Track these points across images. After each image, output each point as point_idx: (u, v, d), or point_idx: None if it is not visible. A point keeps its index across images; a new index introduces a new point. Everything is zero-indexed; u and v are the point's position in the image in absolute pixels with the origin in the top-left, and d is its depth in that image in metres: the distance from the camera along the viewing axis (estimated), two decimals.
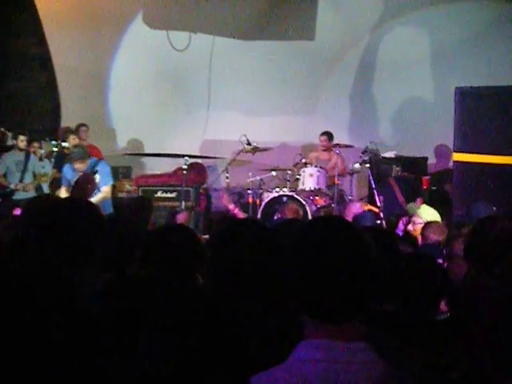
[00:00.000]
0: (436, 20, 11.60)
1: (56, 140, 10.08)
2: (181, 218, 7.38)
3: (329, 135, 10.59)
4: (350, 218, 6.51)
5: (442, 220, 6.62)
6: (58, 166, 9.75)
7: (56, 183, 9.43)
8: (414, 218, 6.21)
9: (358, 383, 1.64)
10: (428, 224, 5.54)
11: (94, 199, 7.62)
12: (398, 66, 11.66)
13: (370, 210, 8.29)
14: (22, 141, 9.61)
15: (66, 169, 8.35)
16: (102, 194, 8.08)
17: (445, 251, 4.83)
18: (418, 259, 3.16)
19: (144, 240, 2.97)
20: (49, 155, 10.13)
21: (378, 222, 8.67)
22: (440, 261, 4.38)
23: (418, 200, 8.07)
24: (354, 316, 1.70)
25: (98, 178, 8.06)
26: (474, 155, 8.11)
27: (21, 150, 9.62)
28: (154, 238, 2.99)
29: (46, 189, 9.69)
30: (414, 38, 11.70)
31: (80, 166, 8.04)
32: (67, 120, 11.25)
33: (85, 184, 7.95)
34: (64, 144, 9.94)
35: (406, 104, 11.78)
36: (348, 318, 1.69)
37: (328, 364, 1.66)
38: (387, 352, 1.75)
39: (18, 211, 6.38)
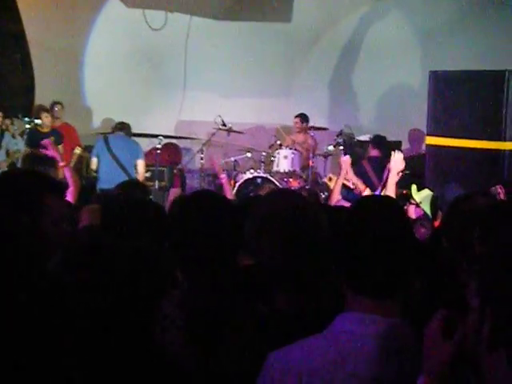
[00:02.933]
0: (415, 4, 11.60)
1: (29, 117, 9.98)
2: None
3: (302, 117, 10.60)
4: None
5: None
6: (31, 143, 9.67)
7: (28, 160, 9.34)
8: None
9: (393, 357, 1.69)
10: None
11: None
12: (375, 49, 11.67)
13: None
14: None
15: None
16: None
17: None
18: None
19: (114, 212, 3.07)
20: (21, 132, 10.03)
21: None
22: None
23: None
24: (394, 292, 1.76)
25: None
26: (447, 139, 8.15)
27: None
28: (117, 211, 3.07)
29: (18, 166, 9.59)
30: (392, 22, 11.70)
31: None
32: (41, 98, 11.11)
33: None
34: (37, 121, 9.85)
35: (383, 88, 11.79)
36: (388, 294, 1.75)
37: (364, 337, 1.71)
38: None
39: None
